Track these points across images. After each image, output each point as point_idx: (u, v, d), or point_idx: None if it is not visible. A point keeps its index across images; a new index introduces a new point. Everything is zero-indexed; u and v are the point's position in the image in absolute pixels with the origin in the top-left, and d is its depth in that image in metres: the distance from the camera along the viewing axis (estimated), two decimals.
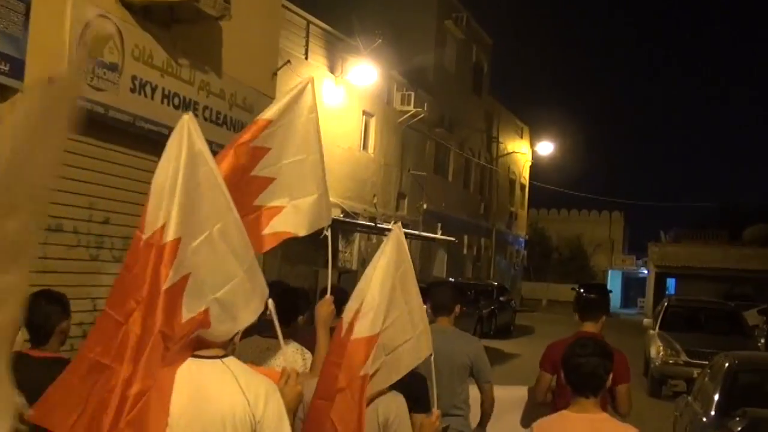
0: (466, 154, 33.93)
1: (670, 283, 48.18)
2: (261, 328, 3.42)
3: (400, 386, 3.53)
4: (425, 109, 26.81)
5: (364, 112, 24.00)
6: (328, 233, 3.87)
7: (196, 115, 9.32)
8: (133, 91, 8.95)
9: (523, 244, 46.34)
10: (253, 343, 4.22)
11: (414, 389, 3.73)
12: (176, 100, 9.53)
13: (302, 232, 3.74)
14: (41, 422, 2.54)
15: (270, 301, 2.96)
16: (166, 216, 2.52)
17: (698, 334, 16.25)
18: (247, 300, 2.68)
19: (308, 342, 4.12)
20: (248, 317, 2.73)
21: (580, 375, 3.52)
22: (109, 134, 8.66)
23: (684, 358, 15.26)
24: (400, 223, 3.76)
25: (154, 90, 9.28)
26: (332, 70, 21.67)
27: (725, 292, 37.24)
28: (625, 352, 5.25)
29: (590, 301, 6.05)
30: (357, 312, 3.30)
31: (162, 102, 9.39)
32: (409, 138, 27.43)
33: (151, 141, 9.07)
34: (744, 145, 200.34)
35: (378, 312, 3.28)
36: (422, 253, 28.79)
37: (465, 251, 34.13)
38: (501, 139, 39.19)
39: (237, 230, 2.65)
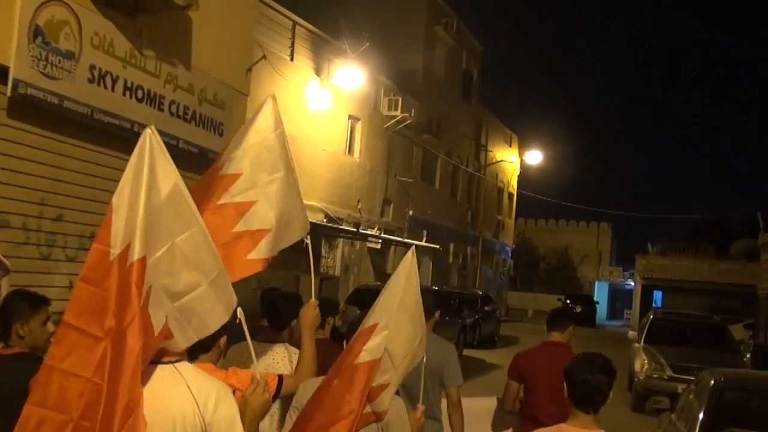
0: (454, 162, 33.51)
1: (657, 295, 48.52)
2: (254, 332, 3.37)
3: None
4: (412, 114, 26.40)
5: (350, 116, 23.57)
6: (308, 240, 3.94)
7: (161, 110, 8.82)
8: (91, 81, 8.43)
9: (510, 254, 45.94)
10: (245, 348, 4.13)
11: None
12: (140, 93, 9.01)
13: (283, 245, 3.80)
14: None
15: (239, 310, 2.91)
16: (131, 235, 2.48)
17: (684, 348, 15.83)
18: (209, 310, 2.68)
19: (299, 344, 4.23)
20: (210, 326, 2.71)
21: (584, 390, 3.52)
22: (64, 126, 8.16)
23: (669, 372, 14.83)
24: (414, 248, 3.95)
25: (115, 81, 8.75)
26: (318, 72, 21.24)
27: (712, 306, 37.42)
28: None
29: (558, 312, 6.19)
30: (372, 331, 3.51)
31: (124, 94, 8.87)
32: (396, 143, 27.01)
33: (112, 135, 8.61)
34: (733, 159, 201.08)
35: (388, 335, 3.51)
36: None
37: (450, 259, 33.69)
38: (490, 148, 38.81)
39: (203, 241, 2.64)
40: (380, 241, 23.98)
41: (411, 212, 28.28)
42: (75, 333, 2.47)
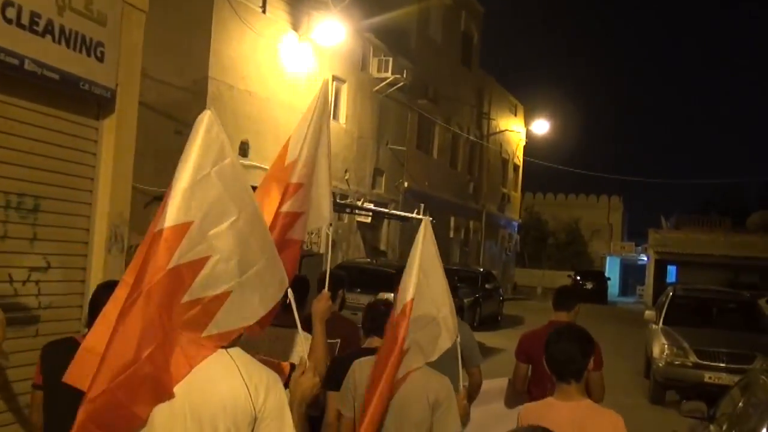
0: (453, 129, 31.32)
1: (671, 270, 47.57)
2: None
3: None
4: (404, 76, 24.26)
5: (335, 78, 21.47)
6: (329, 231, 4.02)
7: None
8: None
9: (516, 228, 43.83)
10: (264, 333, 4.04)
11: None
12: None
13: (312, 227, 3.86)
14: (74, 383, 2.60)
15: (290, 291, 2.94)
16: (182, 208, 2.53)
17: (709, 330, 13.79)
18: (266, 287, 2.73)
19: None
20: (266, 304, 2.74)
21: (559, 362, 3.63)
22: None
23: (693, 359, 12.81)
24: (428, 218, 4.27)
25: None
26: (295, 27, 19.12)
27: (729, 281, 35.91)
28: (624, 347, 6.20)
29: (563, 290, 6.32)
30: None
31: None
32: (388, 109, 24.88)
33: None
34: (748, 127, 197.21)
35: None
36: (402, 235, 26.32)
37: (451, 234, 31.58)
38: (492, 116, 36.58)
39: (259, 221, 2.72)
40: (371, 214, 22.00)
41: (406, 183, 26.20)
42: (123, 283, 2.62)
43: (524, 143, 42.01)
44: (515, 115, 40.54)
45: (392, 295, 4.38)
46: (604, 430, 3.57)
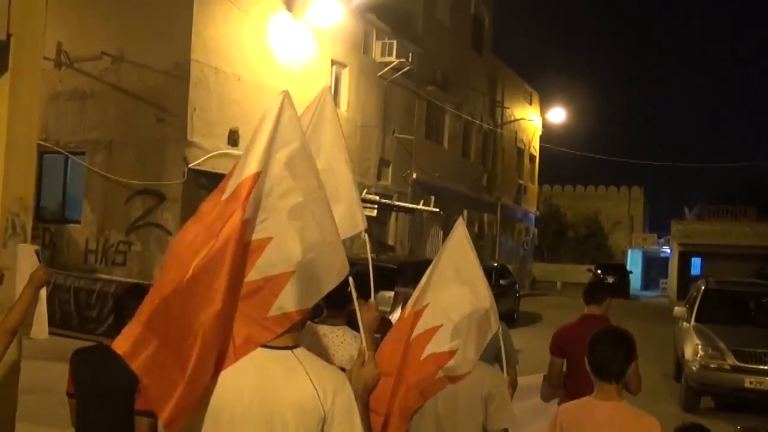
0: (465, 117, 29.84)
1: (695, 262, 46.81)
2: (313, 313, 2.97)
3: None
4: (410, 60, 22.84)
5: (334, 62, 20.12)
6: (366, 236, 3.78)
7: None
8: None
9: (533, 221, 42.26)
10: (305, 330, 4.07)
11: None
12: None
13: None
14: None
15: (351, 279, 2.90)
16: (251, 164, 2.51)
17: (748, 329, 12.28)
18: (326, 271, 2.66)
19: None
20: (325, 288, 2.68)
21: (602, 362, 3.64)
22: None
23: (731, 361, 11.32)
24: (462, 218, 4.16)
25: None
26: (289, 6, 17.78)
27: (756, 272, 34.63)
28: (650, 346, 6.88)
29: (594, 285, 6.63)
30: (424, 307, 3.72)
31: None
32: (394, 95, 23.48)
33: None
34: None
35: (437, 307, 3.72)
36: (412, 229, 24.96)
37: None
38: (506, 104, 35.06)
39: (324, 205, 2.67)
40: (376, 207, 20.62)
41: (414, 175, 24.78)
42: (174, 256, 2.52)
43: (540, 132, 40.46)
44: (530, 104, 39.02)
45: (392, 293, 4.40)
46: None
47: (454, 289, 3.73)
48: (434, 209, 21.66)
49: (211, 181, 15.41)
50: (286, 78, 17.59)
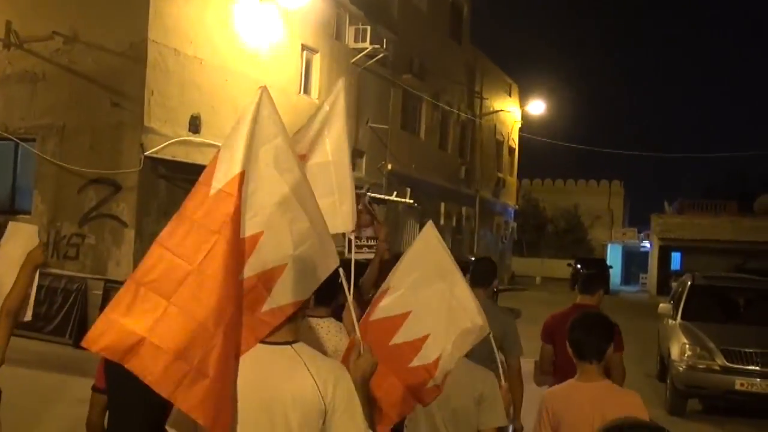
0: (442, 107, 29.02)
1: (675, 257, 46.17)
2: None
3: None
4: (384, 47, 21.98)
5: (304, 47, 19.23)
6: (352, 237, 4.25)
7: None
8: None
9: (512, 215, 41.57)
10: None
11: None
12: None
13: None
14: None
15: (341, 270, 3.00)
16: (236, 162, 2.53)
17: (738, 327, 11.60)
18: (319, 262, 2.70)
19: None
20: (320, 278, 2.75)
21: (581, 343, 3.78)
22: None
23: (721, 361, 10.64)
24: (431, 222, 3.92)
25: None
26: None
27: (736, 267, 34.00)
28: (631, 344, 6.18)
29: (590, 276, 6.55)
30: (383, 294, 3.66)
31: None
32: (367, 83, 22.63)
33: None
34: (754, 104, 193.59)
35: (404, 295, 3.63)
36: (387, 222, 24.09)
37: (442, 221, 29.35)
38: (485, 95, 34.26)
39: (310, 198, 2.70)
40: None
41: (389, 166, 23.95)
42: (166, 253, 2.48)
43: (520, 125, 39.74)
44: (509, 96, 38.29)
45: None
46: (623, 408, 3.46)
47: (436, 294, 3.67)
48: (409, 201, 20.90)
49: (170, 169, 14.51)
50: (252, 62, 16.72)
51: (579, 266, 40.95)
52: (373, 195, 19.99)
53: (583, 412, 3.65)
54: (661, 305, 13.35)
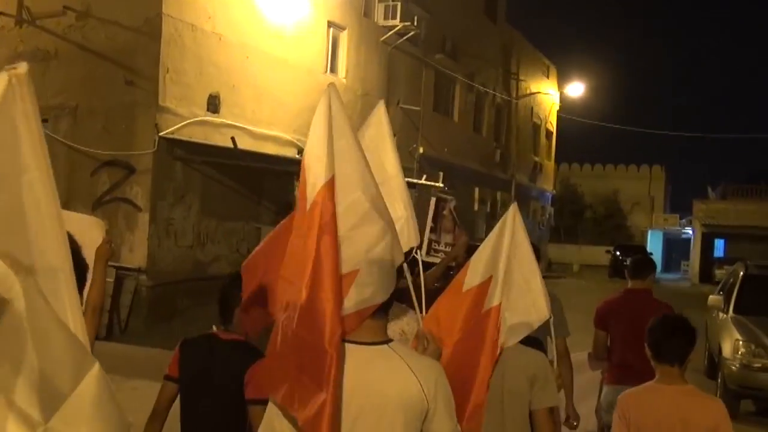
0: (477, 89, 28.01)
1: (718, 244, 45.50)
2: None
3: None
4: (416, 24, 21.06)
5: (331, 23, 18.40)
6: (418, 255, 4.34)
7: None
8: None
9: (549, 200, 40.45)
10: None
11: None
12: None
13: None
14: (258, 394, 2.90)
15: (405, 266, 3.25)
16: (323, 171, 2.58)
17: None
18: (390, 263, 2.68)
19: None
20: (391, 282, 2.69)
21: (665, 345, 3.67)
22: None
23: None
24: (515, 204, 4.17)
25: None
26: None
27: None
28: None
29: (638, 261, 6.30)
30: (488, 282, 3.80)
31: None
32: (398, 62, 21.75)
33: None
34: None
35: (501, 282, 3.78)
36: (417, 208, 23.19)
37: (476, 207, 28.46)
38: (522, 77, 33.16)
39: (380, 200, 2.70)
40: None
41: (421, 149, 23.06)
42: (286, 284, 2.62)
43: (558, 108, 38.56)
44: (547, 77, 37.11)
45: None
46: (705, 415, 3.49)
47: (520, 290, 3.85)
48: (439, 185, 20.06)
49: (187, 151, 13.84)
50: (275, 39, 15.95)
51: (618, 253, 39.84)
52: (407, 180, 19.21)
53: (663, 415, 3.58)
54: (711, 297, 12.35)
